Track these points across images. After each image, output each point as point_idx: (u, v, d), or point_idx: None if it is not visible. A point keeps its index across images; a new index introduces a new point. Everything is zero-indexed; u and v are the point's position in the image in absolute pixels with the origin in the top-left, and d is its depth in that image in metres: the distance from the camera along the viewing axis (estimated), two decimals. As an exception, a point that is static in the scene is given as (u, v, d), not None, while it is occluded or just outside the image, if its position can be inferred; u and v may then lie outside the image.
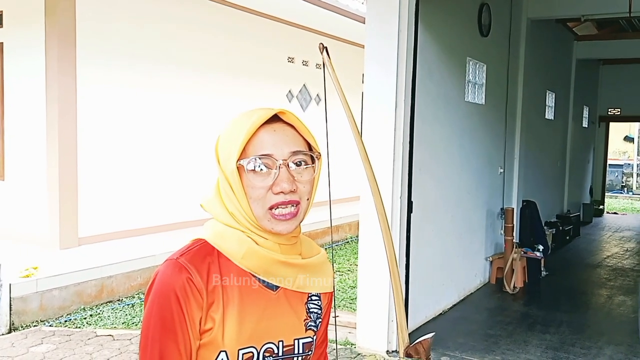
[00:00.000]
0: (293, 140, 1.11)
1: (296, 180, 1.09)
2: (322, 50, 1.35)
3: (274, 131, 1.09)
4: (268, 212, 1.08)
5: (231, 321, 1.07)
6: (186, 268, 1.04)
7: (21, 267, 5.20)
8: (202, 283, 1.05)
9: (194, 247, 1.10)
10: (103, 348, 4.45)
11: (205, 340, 1.06)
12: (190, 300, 1.03)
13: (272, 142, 1.08)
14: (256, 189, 1.08)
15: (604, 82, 12.94)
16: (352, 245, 8.51)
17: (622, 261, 8.31)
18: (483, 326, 5.27)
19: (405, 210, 4.48)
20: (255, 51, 8.52)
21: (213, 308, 1.06)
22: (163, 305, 1.03)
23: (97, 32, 6.36)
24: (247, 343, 1.08)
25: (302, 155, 1.11)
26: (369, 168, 1.39)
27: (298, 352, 1.15)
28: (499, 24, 6.45)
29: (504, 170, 6.93)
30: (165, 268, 1.06)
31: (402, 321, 1.31)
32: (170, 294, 1.03)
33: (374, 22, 4.41)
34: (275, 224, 1.09)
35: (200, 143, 7.51)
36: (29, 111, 6.36)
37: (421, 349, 1.23)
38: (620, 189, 20.22)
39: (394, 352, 4.45)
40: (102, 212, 6.53)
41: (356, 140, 1.41)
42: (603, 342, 4.86)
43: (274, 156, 1.08)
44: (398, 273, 1.36)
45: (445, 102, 5.38)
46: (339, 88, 1.36)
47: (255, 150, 1.08)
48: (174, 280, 1.03)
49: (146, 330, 1.04)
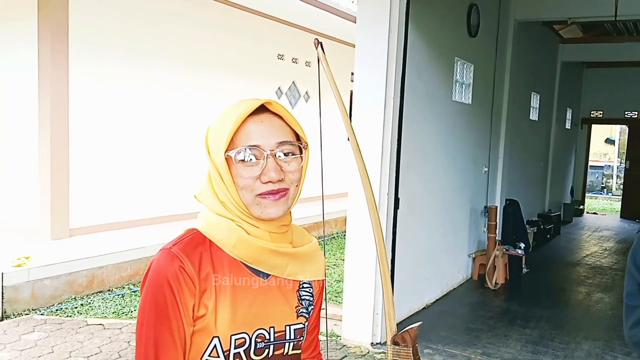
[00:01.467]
0: (280, 131, 1.12)
1: (284, 170, 1.11)
2: (317, 46, 1.36)
3: (261, 122, 1.11)
4: (257, 197, 1.11)
5: (224, 308, 1.09)
6: (178, 257, 1.07)
7: (13, 256, 5.23)
8: (194, 271, 1.07)
9: (187, 236, 1.13)
10: (94, 337, 4.49)
11: (198, 326, 1.09)
12: (183, 288, 1.06)
13: (259, 133, 1.10)
14: (245, 179, 1.10)
15: (587, 84, 13.10)
16: (338, 241, 8.60)
17: (601, 260, 8.48)
18: (465, 320, 5.37)
19: (392, 207, 4.56)
20: (246, 48, 8.56)
21: (206, 295, 1.08)
22: (157, 293, 1.06)
23: (90, 27, 6.37)
24: (239, 329, 1.10)
25: (289, 145, 1.13)
26: (362, 163, 1.40)
27: (289, 338, 1.18)
28: (487, 25, 6.53)
29: (489, 170, 7.04)
30: (159, 257, 1.08)
31: (390, 310, 1.31)
32: (164, 282, 1.05)
33: (365, 22, 4.45)
34: (264, 206, 1.11)
35: (190, 137, 7.55)
36: (22, 104, 6.36)
37: (408, 337, 1.24)
38: (600, 190, 20.47)
39: (379, 344, 4.52)
40: (93, 204, 6.55)
41: (349, 135, 1.42)
42: (581, 338, 4.97)
43: (262, 147, 1.10)
44: (387, 264, 1.38)
45: (433, 101, 5.45)
46: (333, 84, 1.36)
47: (243, 141, 1.10)
48: (166, 269, 1.06)
49: (141, 317, 1.07)
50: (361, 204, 4.46)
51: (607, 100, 12.93)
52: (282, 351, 1.17)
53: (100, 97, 6.57)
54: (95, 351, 4.22)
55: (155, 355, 1.05)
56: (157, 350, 1.05)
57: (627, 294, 1.57)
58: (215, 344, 1.08)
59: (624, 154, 15.82)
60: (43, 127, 6.11)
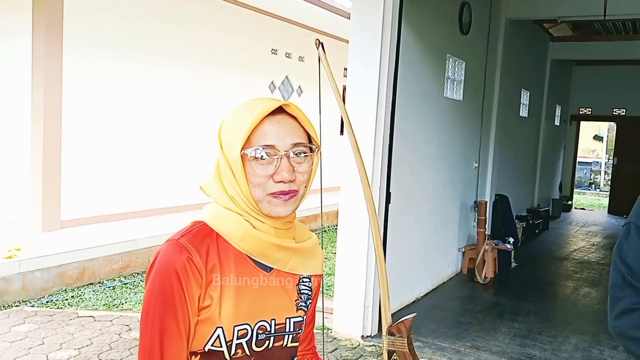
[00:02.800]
0: (295, 132, 1.16)
1: (295, 171, 1.15)
2: (318, 46, 1.38)
3: (278, 123, 1.14)
4: (268, 196, 1.13)
5: (228, 299, 1.11)
6: (186, 248, 1.09)
7: (4, 248, 5.22)
8: (201, 263, 1.09)
9: (194, 228, 1.14)
10: (84, 328, 4.49)
11: (203, 316, 1.11)
12: (190, 279, 1.08)
13: (275, 133, 1.13)
14: (258, 176, 1.12)
15: (576, 82, 13.20)
16: (329, 234, 8.63)
17: (588, 255, 8.57)
18: (454, 314, 5.42)
19: (384, 201, 4.59)
20: (240, 43, 8.56)
21: (211, 287, 1.11)
22: (164, 283, 1.07)
23: (85, 18, 6.35)
24: (242, 320, 1.13)
25: (302, 147, 1.16)
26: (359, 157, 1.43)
27: (289, 330, 1.21)
28: (479, 23, 6.57)
29: (479, 165, 7.09)
30: (167, 248, 1.10)
31: (385, 302, 1.33)
32: (171, 273, 1.07)
33: (359, 18, 4.47)
34: (274, 205, 1.14)
35: (181, 131, 7.56)
36: (14, 94, 6.33)
37: (403, 328, 1.27)
38: (588, 186, 20.66)
39: (369, 336, 4.56)
40: (84, 196, 6.54)
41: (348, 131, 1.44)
42: (568, 331, 5.04)
43: (277, 147, 1.13)
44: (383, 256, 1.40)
45: (425, 97, 5.49)
46: (333, 84, 1.39)
47: (258, 139, 1.12)
48: (174, 259, 1.08)
49: (147, 306, 1.08)
50: (353, 198, 4.50)
51: (596, 98, 13.03)
52: (282, 343, 1.20)
53: (94, 89, 6.55)
54: (86, 343, 4.22)
55: (161, 344, 1.07)
56: (162, 339, 1.07)
57: (612, 286, 1.60)
58: (219, 334, 1.11)
59: (612, 150, 15.97)
60: (35, 119, 6.08)
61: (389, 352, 1.28)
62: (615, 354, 4.54)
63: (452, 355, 4.34)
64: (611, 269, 1.64)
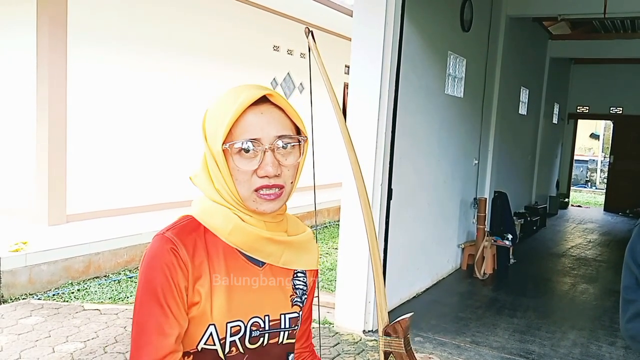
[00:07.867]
0: (280, 124, 1.10)
1: (281, 164, 1.09)
2: (308, 35, 1.31)
3: (261, 113, 1.08)
4: (253, 193, 1.09)
5: (219, 296, 1.09)
6: (172, 240, 1.07)
7: (11, 241, 5.26)
8: (187, 255, 1.07)
9: (181, 222, 1.12)
10: (90, 321, 4.52)
11: (193, 314, 1.08)
12: (177, 270, 1.06)
13: (259, 125, 1.07)
14: (241, 172, 1.08)
15: (574, 80, 13.27)
16: (330, 230, 8.69)
17: (585, 251, 8.63)
18: (454, 309, 5.46)
19: (386, 197, 4.61)
20: (243, 38, 8.59)
21: (200, 282, 1.08)
22: (151, 276, 1.06)
23: (89, 12, 6.36)
24: (234, 317, 1.10)
25: (288, 139, 1.10)
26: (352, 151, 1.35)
27: (284, 326, 1.17)
28: (480, 20, 6.61)
29: (479, 162, 7.14)
30: (154, 242, 1.09)
31: (381, 301, 1.28)
32: (157, 266, 1.06)
33: (362, 15, 4.49)
34: (260, 203, 1.10)
35: (186, 125, 7.58)
36: (19, 88, 6.35)
37: (399, 328, 1.22)
38: (584, 184, 20.74)
39: (370, 331, 4.58)
40: (90, 190, 6.57)
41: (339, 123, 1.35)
42: (567, 327, 5.08)
43: (261, 140, 1.07)
44: (379, 254, 1.34)
45: (427, 93, 5.52)
46: (324, 72, 1.31)
47: (241, 132, 1.07)
48: (160, 252, 1.06)
49: (138, 300, 1.07)
50: (355, 194, 4.52)
51: (593, 96, 13.09)
52: (277, 340, 1.17)
53: (99, 82, 6.57)
54: (92, 336, 4.26)
55: (149, 336, 1.05)
56: (151, 331, 1.05)
57: (625, 288, 1.56)
58: (212, 332, 1.08)
59: (608, 148, 16.05)
60: (41, 112, 6.10)
61: (386, 353, 1.23)
62: (612, 350, 4.58)
63: (453, 351, 4.38)
64: (623, 271, 1.59)
